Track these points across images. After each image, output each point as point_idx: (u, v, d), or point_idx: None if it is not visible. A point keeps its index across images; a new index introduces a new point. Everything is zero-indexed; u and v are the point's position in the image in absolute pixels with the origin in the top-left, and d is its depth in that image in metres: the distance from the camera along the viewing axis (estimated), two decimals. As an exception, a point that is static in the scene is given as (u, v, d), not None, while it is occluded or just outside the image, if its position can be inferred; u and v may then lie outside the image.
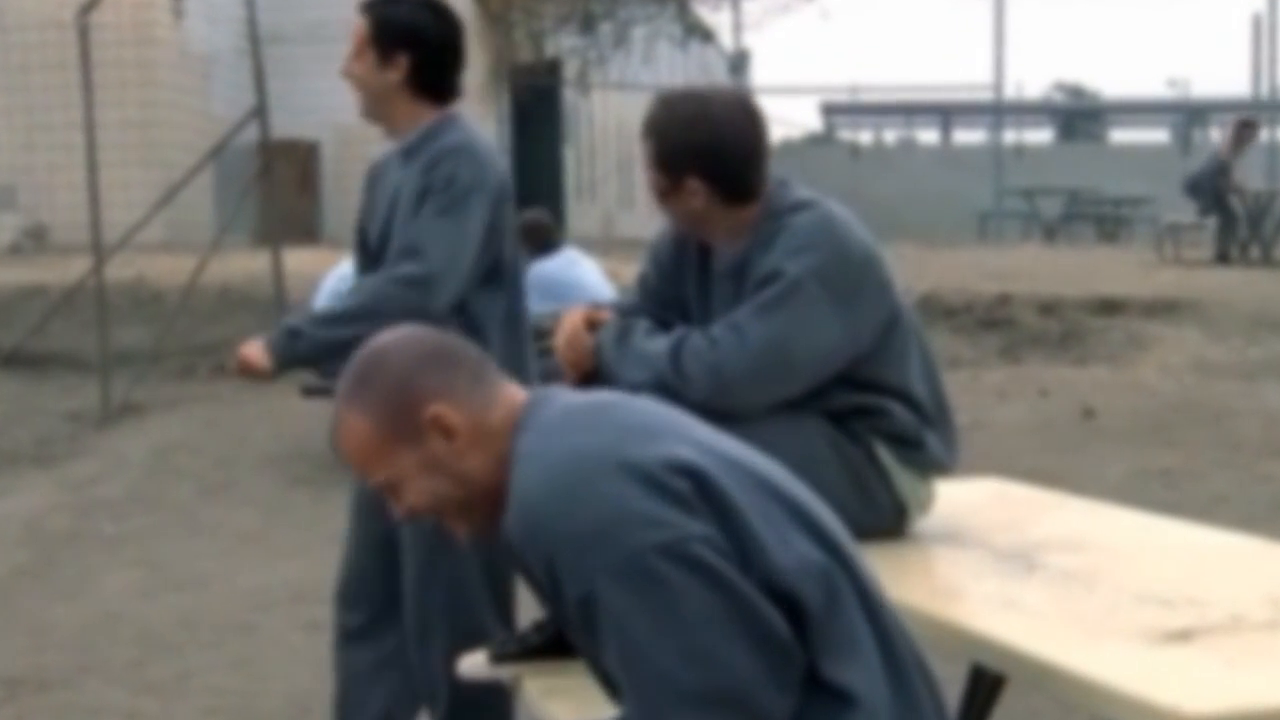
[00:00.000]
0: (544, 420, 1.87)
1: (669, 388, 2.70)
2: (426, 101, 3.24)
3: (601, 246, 12.83)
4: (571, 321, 2.95)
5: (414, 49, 3.19)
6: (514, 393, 1.93)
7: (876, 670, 1.81)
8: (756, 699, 1.74)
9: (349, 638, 3.39)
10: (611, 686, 1.91)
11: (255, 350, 3.18)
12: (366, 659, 3.36)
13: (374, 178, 3.37)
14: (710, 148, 2.77)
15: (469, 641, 3.23)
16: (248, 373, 3.22)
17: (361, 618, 3.36)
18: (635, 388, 2.76)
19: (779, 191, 2.83)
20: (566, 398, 1.94)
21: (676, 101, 2.86)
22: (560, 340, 2.94)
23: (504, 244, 3.25)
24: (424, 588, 3.24)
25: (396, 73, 3.20)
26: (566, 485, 1.76)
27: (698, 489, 1.78)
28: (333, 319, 3.19)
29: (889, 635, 1.85)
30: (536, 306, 6.96)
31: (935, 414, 2.88)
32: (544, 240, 7.47)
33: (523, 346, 3.31)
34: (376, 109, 3.26)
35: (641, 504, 1.74)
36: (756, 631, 1.74)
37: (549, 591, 1.81)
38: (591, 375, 2.90)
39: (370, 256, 3.34)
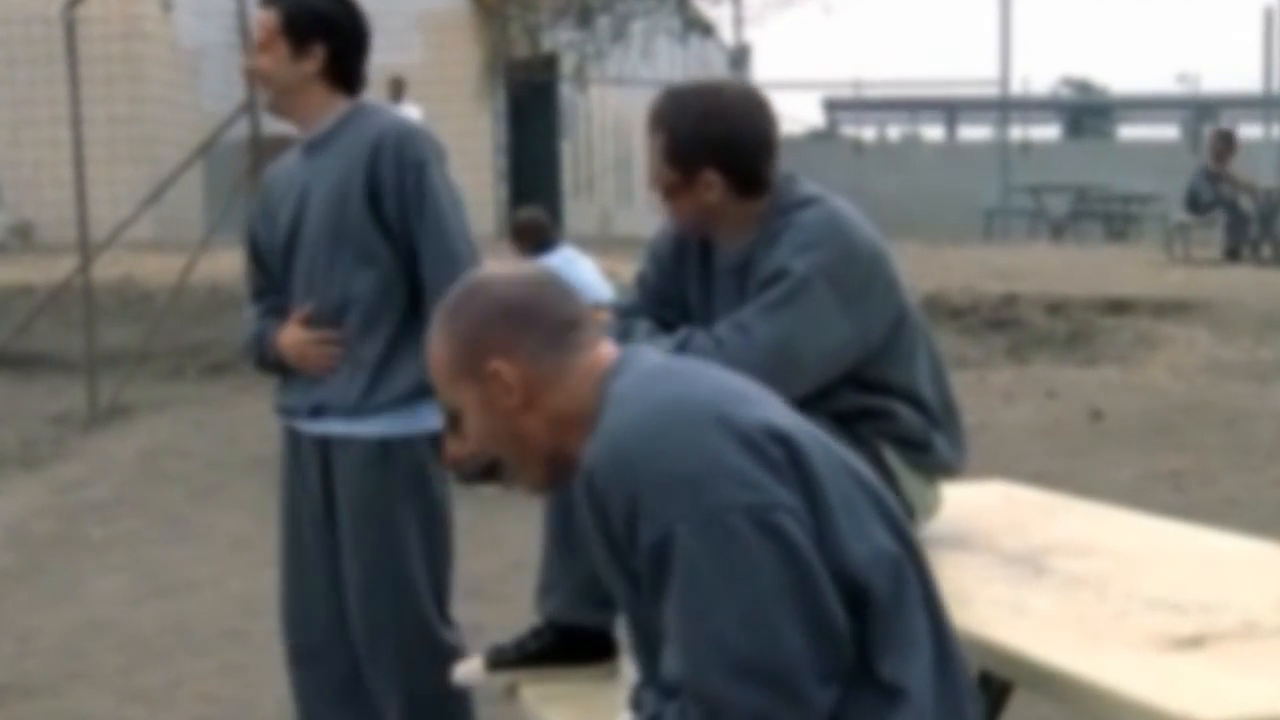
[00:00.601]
0: (640, 368, 1.91)
1: None
2: (340, 92, 3.22)
3: (599, 245, 12.83)
4: None
5: (329, 38, 3.18)
6: (603, 350, 1.97)
7: (928, 668, 1.83)
8: (801, 684, 1.75)
9: (303, 658, 3.35)
10: (648, 647, 1.91)
11: None
12: (326, 679, 3.32)
13: (271, 181, 3.33)
14: (727, 139, 2.77)
15: (418, 645, 3.25)
16: None
17: (314, 636, 3.32)
18: None
19: (785, 186, 2.83)
20: (654, 356, 1.98)
21: (687, 94, 2.86)
22: None
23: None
24: (370, 594, 3.22)
25: (312, 63, 3.17)
26: (663, 427, 1.79)
27: (790, 458, 1.80)
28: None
29: (944, 634, 1.88)
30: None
31: (943, 416, 2.88)
32: (540, 239, 7.48)
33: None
34: (287, 102, 3.21)
35: (735, 460, 1.76)
36: (817, 617, 1.76)
37: (622, 533, 1.79)
38: None
39: (266, 261, 3.30)
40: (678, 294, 2.97)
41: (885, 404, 2.80)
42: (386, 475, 3.19)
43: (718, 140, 2.76)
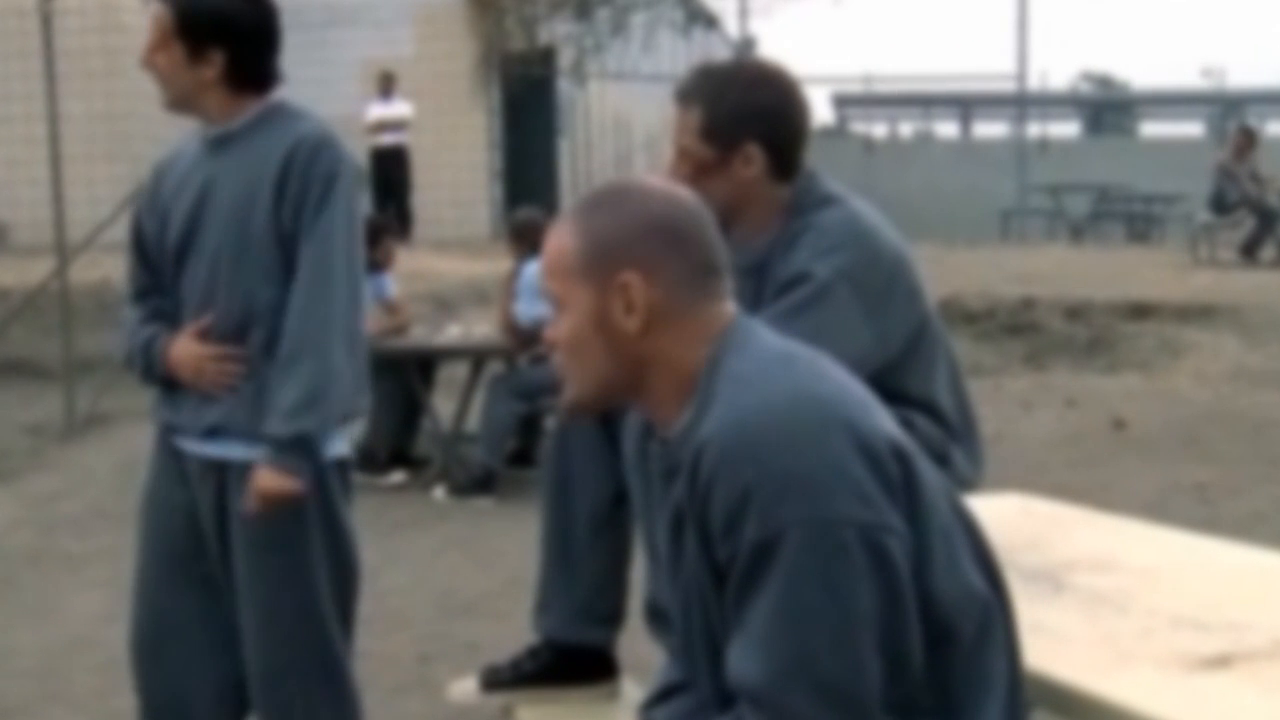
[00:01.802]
0: (759, 350, 1.87)
1: None
2: (248, 93, 3.11)
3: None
4: None
5: (228, 42, 3.05)
6: (726, 307, 1.93)
7: (1001, 713, 1.84)
8: (870, 715, 1.75)
9: (161, 714, 3.24)
10: (699, 642, 1.90)
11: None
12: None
13: (163, 172, 3.21)
14: (775, 110, 2.77)
15: (324, 685, 3.20)
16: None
17: (180, 687, 3.22)
18: None
19: (806, 184, 2.83)
20: (770, 335, 1.94)
21: (725, 67, 2.87)
22: None
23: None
24: (270, 628, 3.14)
25: (210, 70, 3.06)
26: (794, 425, 1.75)
27: (905, 479, 1.79)
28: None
29: (1018, 679, 1.89)
30: (532, 309, 7.03)
31: (961, 428, 2.88)
32: (539, 239, 7.48)
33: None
34: (188, 103, 3.10)
35: (859, 474, 1.74)
36: (898, 649, 1.76)
37: (721, 521, 1.76)
38: None
39: (151, 259, 3.20)
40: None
41: (902, 414, 2.79)
42: (293, 502, 3.08)
43: (765, 111, 2.77)
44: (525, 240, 7.52)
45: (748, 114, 2.76)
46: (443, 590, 5.68)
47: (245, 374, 3.08)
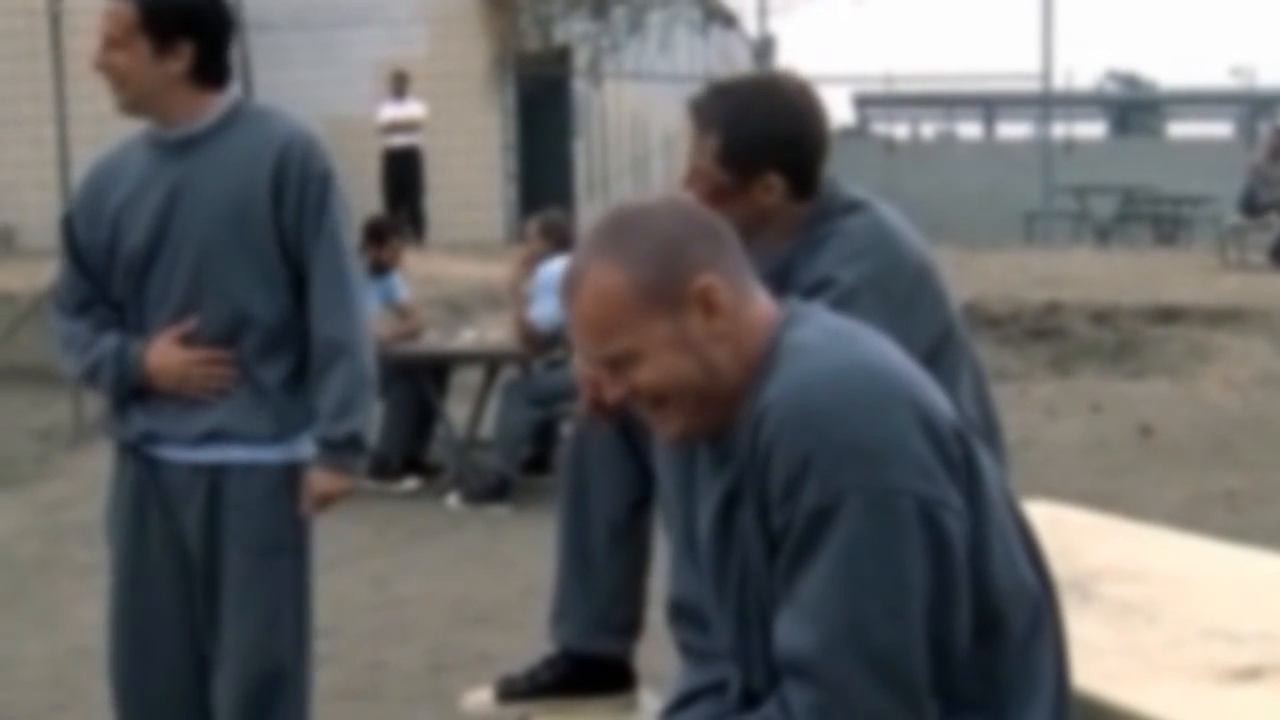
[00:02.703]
0: (821, 323, 1.88)
1: None
2: (210, 90, 3.08)
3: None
4: None
5: (197, 34, 3.03)
6: (766, 296, 1.92)
7: (1048, 714, 1.84)
8: (922, 693, 1.75)
9: (181, 709, 3.20)
10: (746, 614, 1.89)
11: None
12: None
13: (102, 179, 3.15)
14: (795, 139, 2.76)
15: (309, 676, 3.22)
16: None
17: (191, 686, 3.19)
18: None
19: (828, 189, 2.82)
20: (829, 314, 1.93)
21: (744, 90, 2.83)
22: (581, 355, 2.92)
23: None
24: (274, 625, 3.14)
25: (179, 63, 3.02)
26: (858, 394, 1.76)
27: (967, 461, 1.80)
28: None
29: (1065, 682, 1.89)
30: (548, 312, 7.02)
31: (985, 435, 2.88)
32: (564, 238, 7.49)
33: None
34: (148, 103, 3.06)
35: (921, 448, 1.75)
36: (945, 631, 1.76)
37: (780, 486, 1.75)
38: None
39: (89, 268, 3.14)
40: (704, 301, 2.96)
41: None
42: (293, 501, 3.11)
43: (784, 141, 2.75)
44: (552, 238, 7.50)
45: (768, 143, 2.74)
46: (457, 599, 5.69)
47: (237, 377, 3.07)
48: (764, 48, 22.42)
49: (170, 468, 3.12)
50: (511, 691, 2.98)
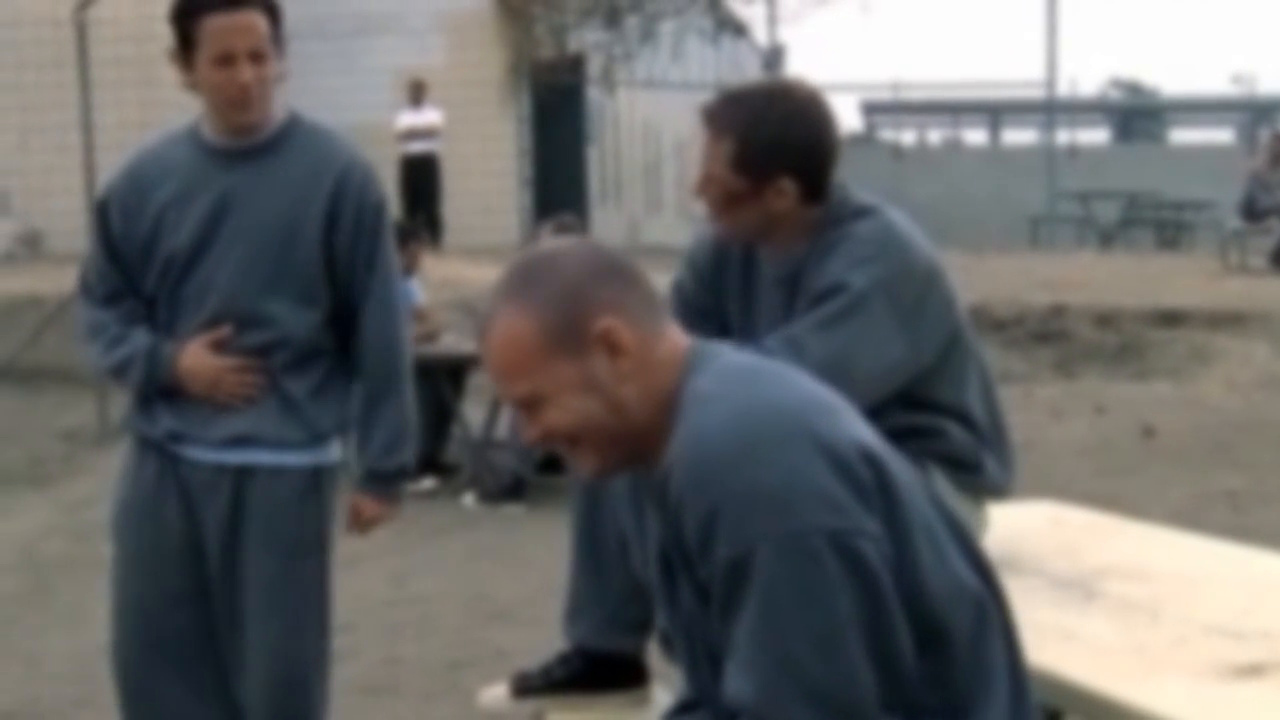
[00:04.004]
0: (721, 367, 1.85)
1: None
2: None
3: (627, 254, 12.82)
4: None
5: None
6: (678, 333, 1.90)
7: (1004, 707, 1.83)
8: (868, 717, 1.74)
9: (187, 699, 3.17)
10: (699, 661, 1.89)
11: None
12: None
13: (146, 175, 3.09)
14: (808, 145, 2.76)
15: (324, 686, 3.21)
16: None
17: (199, 678, 3.17)
18: None
19: (838, 194, 2.82)
20: (733, 353, 1.91)
21: (757, 97, 2.83)
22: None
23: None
24: (297, 627, 3.13)
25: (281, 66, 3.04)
26: (754, 439, 1.74)
27: (878, 482, 1.77)
28: None
29: (1019, 670, 1.87)
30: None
31: (992, 435, 2.87)
32: (581, 242, 7.51)
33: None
34: (267, 107, 3.03)
35: (824, 481, 1.72)
36: (885, 651, 1.75)
37: (696, 543, 1.76)
38: None
39: (124, 261, 3.09)
40: (716, 306, 2.96)
41: (935, 422, 2.79)
42: (319, 504, 3.12)
43: (798, 147, 2.75)
44: (565, 242, 7.52)
45: (782, 148, 2.74)
46: (473, 597, 5.69)
47: (267, 387, 3.06)
48: (774, 56, 22.43)
49: (194, 465, 3.10)
50: (527, 687, 2.98)
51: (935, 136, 39.89)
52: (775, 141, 2.74)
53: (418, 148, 16.46)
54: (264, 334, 3.05)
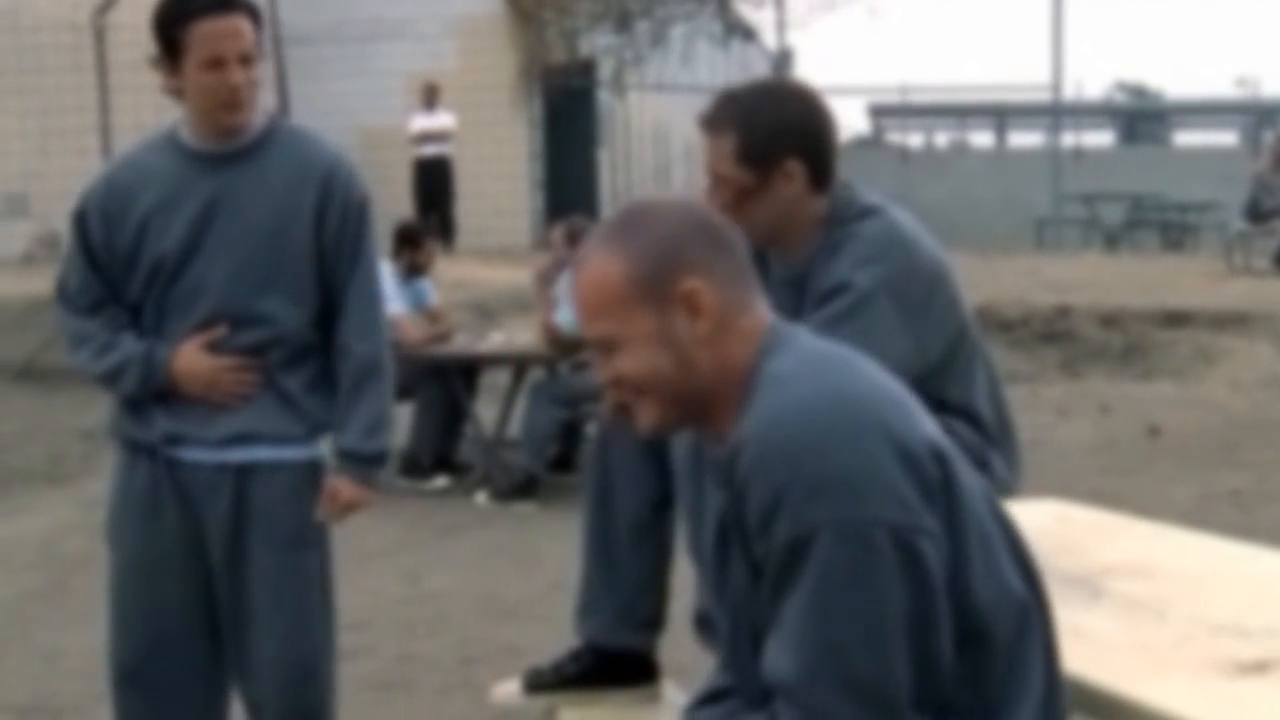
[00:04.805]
0: (800, 350, 1.86)
1: None
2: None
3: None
4: None
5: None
6: (763, 309, 1.91)
7: (1034, 716, 1.83)
8: (900, 714, 1.74)
9: (186, 699, 3.16)
10: (742, 638, 1.89)
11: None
12: None
13: (125, 182, 3.07)
14: (807, 124, 2.77)
15: (332, 678, 3.21)
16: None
17: (198, 678, 3.16)
18: None
19: (844, 195, 2.82)
20: (811, 337, 1.91)
21: (751, 89, 2.85)
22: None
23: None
24: (305, 620, 3.13)
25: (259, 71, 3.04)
26: (828, 426, 1.74)
27: (944, 481, 1.78)
28: None
29: (1056, 678, 1.88)
30: (574, 316, 7.02)
31: (999, 434, 2.87)
32: (590, 245, 7.50)
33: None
34: (253, 110, 3.02)
35: (893, 476, 1.73)
36: (927, 648, 1.75)
37: (757, 520, 1.76)
38: None
39: (104, 269, 3.07)
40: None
41: (942, 421, 2.77)
42: (316, 499, 3.12)
43: (798, 127, 2.76)
44: (578, 244, 7.49)
45: (783, 130, 2.75)
46: (485, 594, 5.69)
47: (263, 384, 3.07)
48: (783, 60, 22.41)
49: (191, 468, 3.09)
50: (539, 683, 2.98)
51: (942, 139, 39.82)
52: (775, 125, 2.74)
53: (431, 151, 16.48)
54: (260, 332, 3.05)
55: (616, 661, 2.95)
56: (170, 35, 2.96)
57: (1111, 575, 2.68)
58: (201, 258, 3.02)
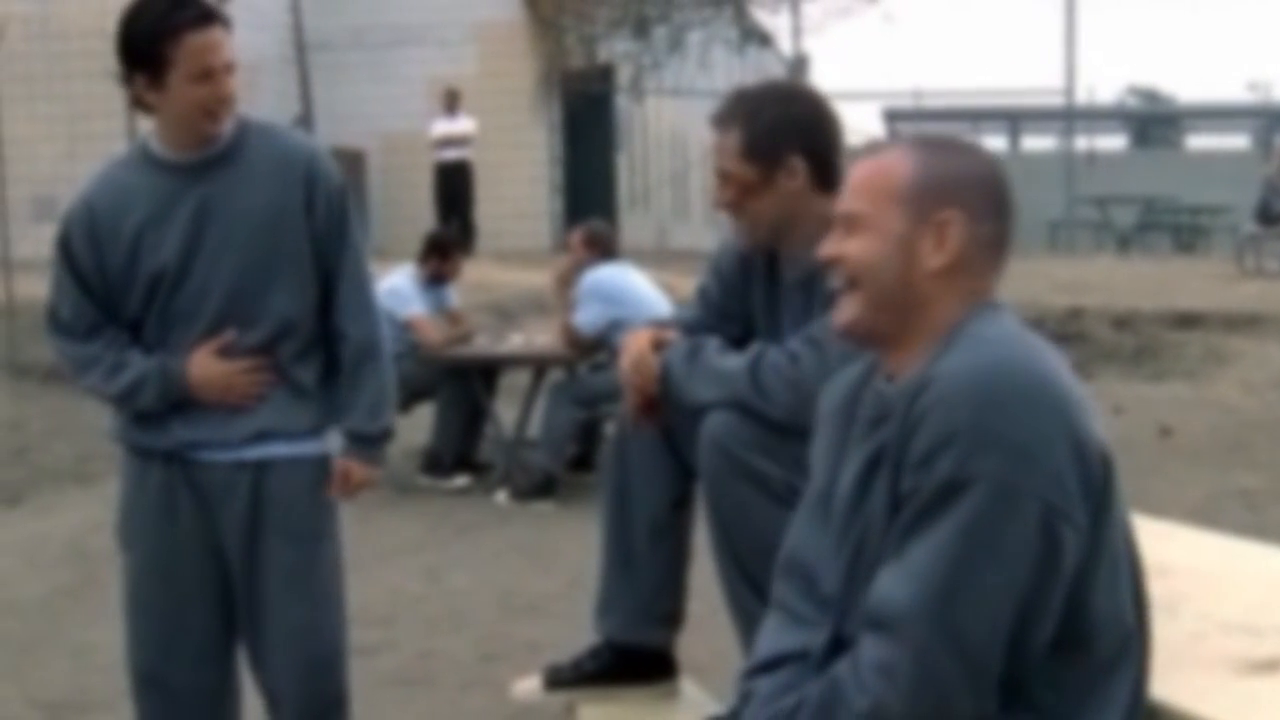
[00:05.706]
0: (1007, 325, 1.88)
1: (747, 406, 2.70)
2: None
3: (655, 258, 12.84)
4: (638, 344, 2.91)
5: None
6: (993, 285, 1.94)
7: None
8: (991, 684, 1.75)
9: (203, 696, 3.17)
10: (857, 567, 1.89)
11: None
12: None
13: (105, 204, 3.04)
14: (811, 120, 2.78)
15: (344, 666, 3.20)
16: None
17: (215, 675, 3.17)
18: (706, 407, 2.74)
19: None
20: (1021, 324, 1.94)
21: (757, 88, 2.88)
22: (626, 362, 2.90)
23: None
24: (325, 608, 3.14)
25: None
26: (1018, 390, 1.76)
27: (1104, 486, 1.80)
28: None
29: (1139, 706, 1.88)
30: (594, 315, 7.04)
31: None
32: (607, 247, 7.51)
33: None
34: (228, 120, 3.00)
35: (1063, 462, 1.75)
36: (1026, 629, 1.76)
37: (919, 452, 1.77)
38: (656, 399, 2.88)
39: (106, 290, 3.04)
40: (741, 309, 2.95)
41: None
42: (327, 490, 3.13)
43: (802, 122, 2.77)
44: (596, 247, 7.51)
45: (786, 127, 2.76)
46: (505, 591, 5.69)
47: (276, 380, 3.07)
48: (798, 65, 22.38)
49: (208, 467, 3.08)
50: (558, 680, 2.98)
51: (956, 143, 39.67)
52: (779, 121, 2.76)
53: (452, 155, 16.50)
54: (269, 328, 3.04)
55: (635, 658, 2.95)
56: (155, 51, 2.93)
57: (1124, 574, 2.67)
58: (202, 263, 3.01)
